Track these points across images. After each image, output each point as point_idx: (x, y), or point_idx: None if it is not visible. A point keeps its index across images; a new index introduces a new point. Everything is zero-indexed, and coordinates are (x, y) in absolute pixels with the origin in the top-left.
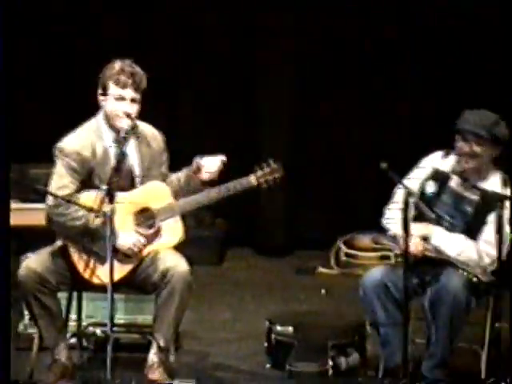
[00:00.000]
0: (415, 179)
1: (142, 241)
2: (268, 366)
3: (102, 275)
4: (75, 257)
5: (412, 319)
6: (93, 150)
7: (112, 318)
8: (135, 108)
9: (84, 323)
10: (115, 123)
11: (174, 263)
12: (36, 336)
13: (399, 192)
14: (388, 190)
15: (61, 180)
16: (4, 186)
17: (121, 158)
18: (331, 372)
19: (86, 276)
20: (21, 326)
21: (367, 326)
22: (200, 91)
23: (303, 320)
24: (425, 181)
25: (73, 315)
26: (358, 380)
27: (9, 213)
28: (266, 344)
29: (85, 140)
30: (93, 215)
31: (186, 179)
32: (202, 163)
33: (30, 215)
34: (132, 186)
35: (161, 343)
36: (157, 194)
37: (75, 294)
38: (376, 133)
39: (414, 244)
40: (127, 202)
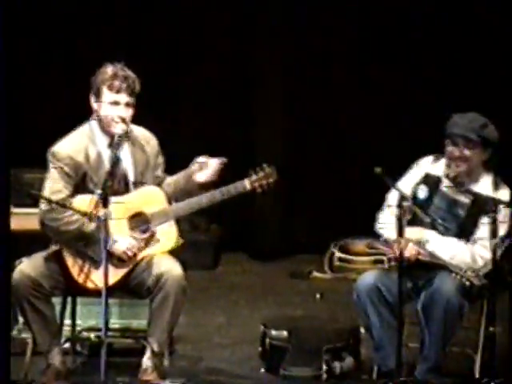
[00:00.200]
0: (407, 184)
1: (137, 245)
2: (262, 371)
3: (97, 280)
4: (69, 261)
5: (406, 323)
6: (86, 155)
7: (106, 323)
8: (130, 112)
9: (78, 328)
10: (110, 128)
11: (169, 268)
12: (30, 341)
13: (391, 197)
14: (383, 195)
15: (54, 185)
16: (4, 191)
17: (115, 163)
18: (325, 376)
19: (80, 281)
20: (15, 331)
21: (361, 330)
22: (196, 94)
23: (298, 324)
24: (416, 185)
25: (67, 320)
26: None
27: (9, 217)
28: (261, 348)
29: (78, 144)
30: (87, 220)
31: (184, 181)
32: (204, 161)
33: (24, 220)
34: (126, 191)
35: (155, 348)
36: (151, 199)
37: (69, 299)
38: (371, 137)
39: (408, 248)
40: (121, 207)
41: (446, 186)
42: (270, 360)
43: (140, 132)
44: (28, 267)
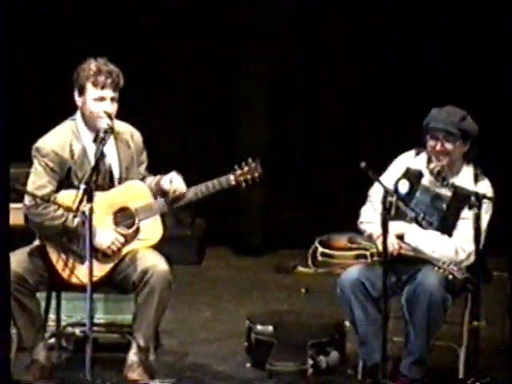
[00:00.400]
0: (388, 179)
1: (121, 240)
2: (248, 366)
3: (81, 275)
4: (54, 257)
5: (390, 318)
6: (71, 150)
7: (91, 318)
8: (115, 107)
9: (63, 323)
10: (96, 123)
11: (154, 263)
12: (14, 336)
13: (374, 192)
14: (368, 190)
15: (39, 180)
16: (3, 187)
17: (99, 158)
18: (311, 371)
19: (65, 276)
20: None
21: (346, 325)
22: (180, 90)
23: (283, 319)
24: (398, 180)
25: (51, 315)
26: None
27: (8, 213)
28: (246, 343)
29: (62, 140)
30: (71, 215)
31: (154, 186)
32: (169, 188)
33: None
34: (111, 186)
35: (140, 343)
36: (136, 194)
37: (54, 294)
38: (356, 132)
39: (390, 243)
40: (106, 202)
41: (428, 180)
42: (256, 355)
43: (125, 127)
44: (12, 262)
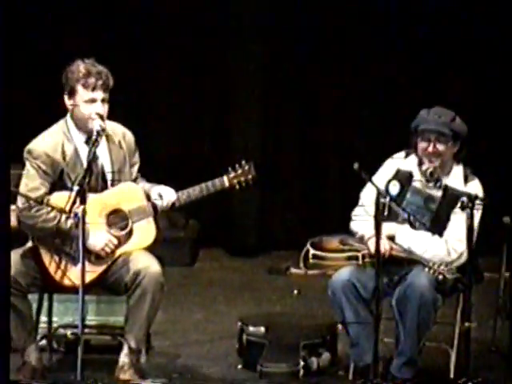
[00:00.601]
0: (379, 181)
1: (115, 242)
2: (240, 367)
3: (74, 277)
4: (46, 258)
5: (381, 319)
6: (63, 152)
7: (83, 320)
8: (106, 108)
9: (54, 325)
10: (87, 125)
11: (146, 264)
12: None
13: (365, 195)
14: (360, 192)
15: (32, 182)
16: (4, 188)
17: (92, 159)
18: (302, 372)
19: (57, 278)
20: None
21: (338, 326)
22: (172, 91)
23: (275, 320)
24: (388, 182)
25: (43, 317)
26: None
27: (9, 214)
28: (238, 344)
29: (54, 142)
30: (64, 216)
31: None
32: (160, 204)
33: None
34: (104, 187)
35: (132, 344)
36: (129, 196)
37: (46, 296)
38: (349, 133)
39: (381, 244)
40: (99, 204)
41: (418, 181)
42: (248, 356)
43: (115, 127)
44: None
